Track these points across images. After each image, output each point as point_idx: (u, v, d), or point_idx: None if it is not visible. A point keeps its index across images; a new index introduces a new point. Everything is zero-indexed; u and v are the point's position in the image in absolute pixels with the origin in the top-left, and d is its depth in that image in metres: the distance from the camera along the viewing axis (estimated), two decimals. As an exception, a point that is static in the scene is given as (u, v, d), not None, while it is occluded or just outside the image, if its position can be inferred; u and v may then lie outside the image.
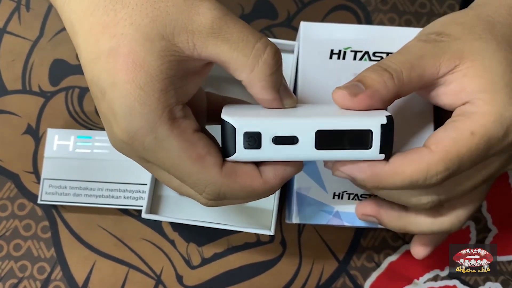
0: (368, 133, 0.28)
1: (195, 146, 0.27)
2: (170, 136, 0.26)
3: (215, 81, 0.41)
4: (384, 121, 0.28)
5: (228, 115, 0.28)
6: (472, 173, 0.30)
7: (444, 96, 0.30)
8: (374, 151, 0.28)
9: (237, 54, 0.27)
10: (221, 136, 0.28)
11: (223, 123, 0.28)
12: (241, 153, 0.28)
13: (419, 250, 0.37)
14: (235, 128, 0.27)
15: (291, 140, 0.28)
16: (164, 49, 0.25)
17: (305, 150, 0.28)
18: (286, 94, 0.30)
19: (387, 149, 0.28)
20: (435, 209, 0.33)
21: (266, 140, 0.28)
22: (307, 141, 0.28)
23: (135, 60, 0.25)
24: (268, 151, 0.28)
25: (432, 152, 0.28)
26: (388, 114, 0.28)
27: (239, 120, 0.28)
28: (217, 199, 0.28)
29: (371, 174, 0.29)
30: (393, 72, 0.29)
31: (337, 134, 0.28)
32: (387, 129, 0.28)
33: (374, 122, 0.28)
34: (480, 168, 0.30)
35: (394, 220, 0.34)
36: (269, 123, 0.28)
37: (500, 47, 0.29)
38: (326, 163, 0.32)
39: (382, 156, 0.28)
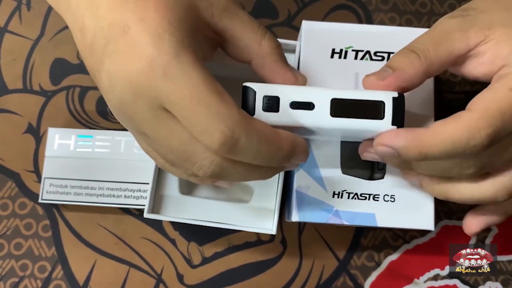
0: (380, 104, 0.30)
1: (216, 82, 0.26)
2: (195, 65, 0.26)
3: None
4: (396, 94, 0.30)
5: (249, 83, 0.30)
6: None
7: (480, 66, 0.30)
8: (386, 122, 0.30)
9: (247, 30, 0.30)
10: (242, 101, 0.30)
11: (244, 89, 0.30)
12: (260, 114, 0.29)
13: (471, 224, 0.35)
14: (255, 92, 0.30)
15: (308, 106, 0.30)
16: (190, 5, 0.28)
17: (321, 116, 0.30)
18: (296, 71, 0.32)
19: (399, 120, 0.30)
20: (479, 175, 0.31)
21: (284, 104, 0.30)
22: (323, 108, 0.30)
23: (165, 4, 0.26)
24: (286, 115, 0.30)
25: (471, 112, 0.28)
26: (400, 91, 0.30)
27: (259, 85, 0.30)
28: (228, 144, 0.26)
29: (412, 139, 0.29)
30: (419, 52, 0.30)
31: (352, 103, 0.30)
32: (399, 102, 0.30)
33: (386, 95, 0.30)
34: None
35: (435, 184, 0.33)
36: (287, 89, 0.30)
37: None
38: (361, 147, 0.33)
39: (394, 127, 0.30)
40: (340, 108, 0.30)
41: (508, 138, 0.29)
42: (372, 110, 0.30)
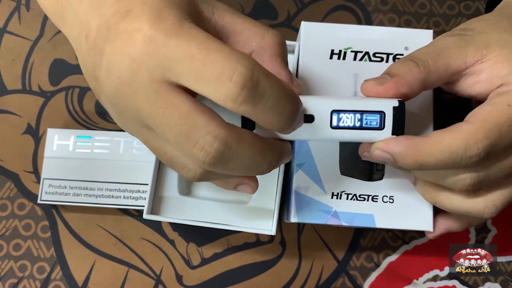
0: (381, 115, 0.29)
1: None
2: (198, 28, 0.25)
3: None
4: (396, 104, 0.29)
5: None
6: None
7: (477, 85, 0.31)
8: (386, 132, 0.30)
9: (249, 25, 0.30)
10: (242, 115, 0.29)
11: None
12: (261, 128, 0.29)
13: (440, 221, 0.36)
14: None
15: (308, 119, 0.29)
16: (189, 1, 0.28)
17: (321, 128, 0.29)
18: (293, 76, 0.31)
19: (399, 130, 0.30)
20: (472, 190, 0.31)
21: None
22: (322, 120, 0.29)
23: None
24: None
25: (470, 123, 0.29)
26: (400, 99, 0.29)
27: None
28: (249, 86, 0.24)
29: (410, 146, 0.29)
30: (418, 61, 0.30)
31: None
32: (399, 112, 0.29)
33: (386, 104, 0.29)
34: None
35: (428, 187, 0.33)
36: None
37: None
38: (362, 147, 0.32)
39: (394, 137, 0.30)
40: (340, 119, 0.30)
41: (504, 154, 0.29)
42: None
